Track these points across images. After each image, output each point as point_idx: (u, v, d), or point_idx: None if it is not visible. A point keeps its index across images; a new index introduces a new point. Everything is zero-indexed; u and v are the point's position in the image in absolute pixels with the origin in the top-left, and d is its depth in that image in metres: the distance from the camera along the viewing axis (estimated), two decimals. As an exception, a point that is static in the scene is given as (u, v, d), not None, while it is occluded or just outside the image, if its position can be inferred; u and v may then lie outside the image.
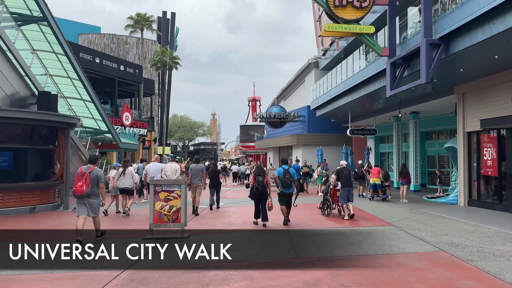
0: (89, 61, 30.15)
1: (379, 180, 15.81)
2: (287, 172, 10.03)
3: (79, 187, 7.49)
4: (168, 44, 47.83)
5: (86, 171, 7.65)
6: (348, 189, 11.15)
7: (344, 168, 11.63)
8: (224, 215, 12.19)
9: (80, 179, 7.56)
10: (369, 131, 23.47)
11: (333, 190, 11.65)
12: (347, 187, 11.15)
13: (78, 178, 7.60)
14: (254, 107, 59.61)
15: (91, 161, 8.16)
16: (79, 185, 7.50)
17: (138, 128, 34.43)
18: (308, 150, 30.23)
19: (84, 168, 7.82)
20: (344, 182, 11.23)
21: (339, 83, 21.40)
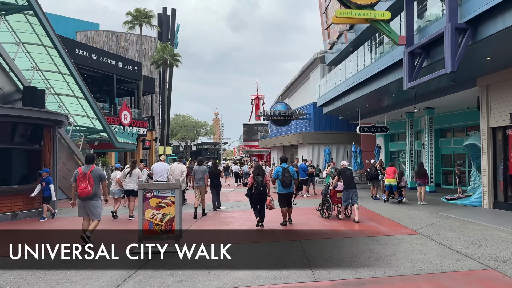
0: (86, 57, 29.00)
1: (395, 181, 14.53)
2: (286, 171, 9.72)
3: (83, 189, 7.17)
4: (169, 41, 46.65)
5: (87, 171, 7.32)
6: (353, 191, 10.57)
7: (346, 169, 10.92)
8: (227, 221, 10.97)
9: (82, 180, 7.23)
10: (380, 128, 22.19)
11: (333, 191, 11.04)
12: (350, 189, 10.56)
13: (80, 180, 7.24)
14: (257, 106, 58.27)
15: (88, 161, 7.76)
16: (83, 187, 7.17)
17: (138, 128, 33.26)
18: (314, 149, 28.97)
19: (83, 168, 7.47)
20: (346, 183, 10.60)
21: (348, 77, 20.13)
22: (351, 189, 10.55)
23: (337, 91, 21.99)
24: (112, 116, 30.79)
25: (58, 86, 18.00)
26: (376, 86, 17.13)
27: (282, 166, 9.92)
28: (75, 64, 28.61)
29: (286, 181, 9.63)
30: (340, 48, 25.12)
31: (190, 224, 10.31)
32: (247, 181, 10.34)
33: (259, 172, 9.61)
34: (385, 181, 15.04)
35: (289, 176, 9.68)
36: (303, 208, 12.91)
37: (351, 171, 11.17)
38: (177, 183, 7.26)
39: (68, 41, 27.68)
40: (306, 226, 10.00)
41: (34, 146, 12.60)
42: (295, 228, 9.79)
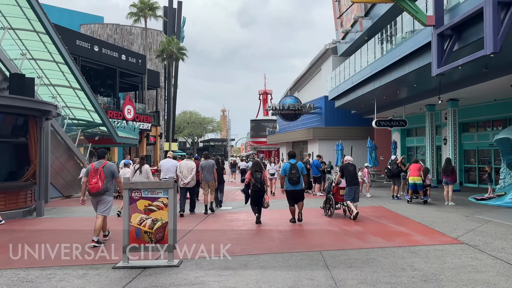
0: (87, 49, 27.82)
1: (420, 179, 13.08)
2: (294, 167, 9.31)
3: (94, 184, 7.07)
4: (175, 34, 45.44)
5: (99, 166, 7.23)
6: (355, 188, 10.15)
7: (349, 164, 10.38)
8: (232, 224, 9.62)
9: (94, 175, 7.14)
10: (398, 122, 20.68)
11: (336, 188, 10.57)
12: (353, 185, 10.09)
13: (92, 175, 7.16)
14: (265, 101, 56.74)
15: (100, 156, 7.71)
16: (94, 182, 7.08)
17: (142, 123, 32.09)
18: (325, 145, 27.52)
19: (96, 163, 7.37)
20: (349, 180, 10.12)
21: (364, 67, 18.67)
22: (354, 186, 10.08)
23: (352, 82, 20.53)
24: (115, 110, 29.65)
25: (52, 76, 16.75)
26: (396, 75, 15.68)
27: (290, 162, 9.45)
28: (76, 56, 27.59)
29: (293, 178, 9.18)
30: (354, 37, 23.62)
31: (195, 224, 9.02)
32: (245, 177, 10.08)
33: (257, 168, 9.34)
34: (408, 179, 13.62)
35: (296, 172, 9.22)
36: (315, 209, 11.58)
37: (354, 166, 10.51)
38: (171, 182, 5.92)
39: (69, 31, 26.55)
40: (319, 227, 8.67)
41: (20, 139, 11.36)
42: (309, 231, 8.47)
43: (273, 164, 17.45)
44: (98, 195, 7.13)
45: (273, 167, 16.88)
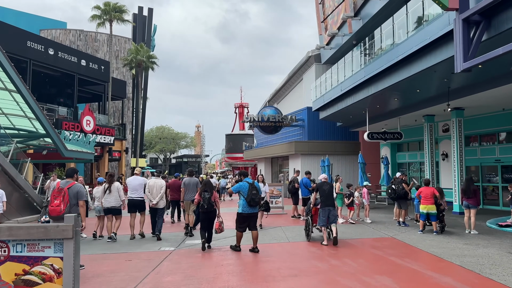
0: (40, 52, 24.49)
1: (434, 208, 10.47)
2: (254, 187, 8.33)
3: (55, 206, 6.31)
4: (145, 43, 42.49)
5: (64, 186, 6.55)
6: (329, 209, 9.25)
7: (324, 183, 9.61)
8: (219, 272, 6.70)
9: (57, 196, 6.42)
10: (393, 135, 18.33)
11: (314, 209, 9.75)
12: (327, 207, 9.26)
13: (55, 195, 6.44)
14: (241, 114, 54.02)
15: (68, 175, 6.92)
16: (56, 204, 6.34)
17: (103, 135, 28.69)
18: (308, 161, 24.95)
19: (62, 183, 6.71)
20: (324, 200, 9.33)
21: (356, 70, 16.29)
22: (327, 207, 9.22)
23: (341, 90, 18.12)
24: (72, 121, 26.24)
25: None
26: (396, 78, 13.33)
27: (247, 181, 8.41)
28: (26, 59, 24.21)
29: (255, 199, 8.18)
30: (341, 41, 21.37)
31: (146, 273, 6.05)
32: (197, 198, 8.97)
33: (206, 188, 8.64)
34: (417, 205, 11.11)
35: (257, 193, 8.25)
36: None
37: (330, 186, 9.76)
38: (68, 228, 3.04)
39: (16, 30, 23.22)
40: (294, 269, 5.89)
41: None
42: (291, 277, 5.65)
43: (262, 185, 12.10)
44: (59, 219, 6.14)
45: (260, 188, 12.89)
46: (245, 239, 8.58)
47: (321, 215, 9.26)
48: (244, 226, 8.35)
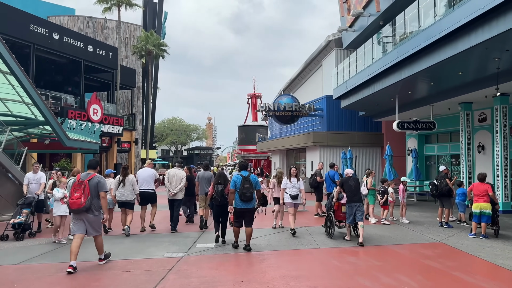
0: (44, 36, 23.20)
1: (489, 207, 8.85)
2: (247, 181, 7.79)
3: (76, 199, 6.19)
4: (155, 30, 41.02)
5: (85, 178, 6.37)
6: (356, 206, 8.65)
7: (349, 178, 9.01)
8: None
9: (77, 189, 6.27)
10: (425, 125, 16.61)
11: (337, 204, 9.23)
12: (353, 203, 8.68)
13: (75, 188, 6.28)
14: (254, 105, 52.35)
15: (91, 166, 6.71)
16: (76, 197, 6.20)
17: (111, 125, 27.43)
18: (327, 153, 23.33)
19: (83, 175, 6.50)
20: (350, 195, 8.76)
21: (389, 51, 14.59)
22: (355, 203, 8.64)
23: (367, 74, 16.42)
24: (78, 110, 25.01)
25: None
26: (439, 57, 11.60)
27: (241, 174, 7.94)
28: (30, 44, 22.94)
29: (246, 193, 7.70)
30: (366, 23, 19.60)
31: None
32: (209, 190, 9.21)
33: (219, 180, 8.47)
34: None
35: (250, 187, 7.75)
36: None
37: (357, 181, 9.07)
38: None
39: (18, 12, 21.91)
40: None
41: None
42: None
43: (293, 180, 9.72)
44: (80, 212, 6.25)
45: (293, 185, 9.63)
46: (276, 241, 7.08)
47: (347, 212, 8.74)
48: (239, 222, 7.88)
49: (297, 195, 9.46)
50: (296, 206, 9.63)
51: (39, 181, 9.90)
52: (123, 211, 9.73)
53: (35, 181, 9.85)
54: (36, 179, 9.92)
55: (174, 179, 10.13)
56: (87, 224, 6.36)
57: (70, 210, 6.38)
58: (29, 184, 9.82)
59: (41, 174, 10.04)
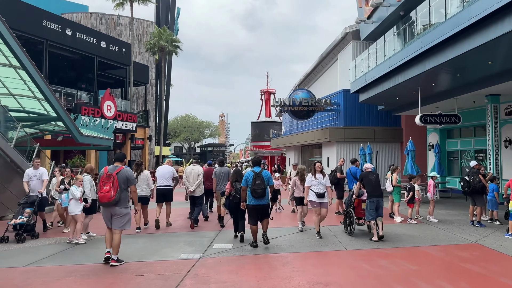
0: (57, 32, 23.00)
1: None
2: (258, 177, 7.54)
3: (105, 192, 6.07)
4: (168, 26, 40.73)
5: (113, 171, 6.23)
6: (377, 200, 8.34)
7: (369, 173, 8.72)
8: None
9: (106, 182, 6.16)
10: (449, 118, 15.86)
11: (357, 200, 8.93)
12: (375, 198, 8.35)
13: (104, 181, 6.17)
14: (267, 101, 51.80)
15: (118, 159, 6.58)
16: (106, 190, 6.09)
17: (125, 122, 27.21)
18: (344, 149, 22.69)
19: (110, 168, 6.34)
20: (371, 190, 8.44)
21: (412, 41, 13.90)
22: (377, 198, 8.36)
23: (388, 66, 15.74)
24: (92, 107, 24.81)
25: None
26: (468, 46, 10.89)
27: (253, 171, 7.75)
28: (42, 40, 22.76)
29: (257, 190, 7.50)
30: (385, 13, 18.86)
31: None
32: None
33: (237, 177, 8.41)
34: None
35: (261, 183, 7.54)
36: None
37: (377, 175, 8.74)
38: None
39: (32, 8, 21.72)
40: None
41: None
42: None
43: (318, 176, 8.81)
44: (109, 205, 6.13)
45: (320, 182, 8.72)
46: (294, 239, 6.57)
47: (368, 207, 8.39)
48: (254, 219, 7.66)
49: (324, 193, 8.57)
50: (323, 206, 8.67)
51: (41, 177, 9.22)
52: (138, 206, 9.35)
53: (36, 178, 9.18)
54: (37, 175, 9.22)
55: (191, 176, 10.15)
56: (114, 217, 6.29)
57: (100, 203, 6.31)
58: (30, 181, 9.14)
59: (42, 170, 9.35)
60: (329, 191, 8.78)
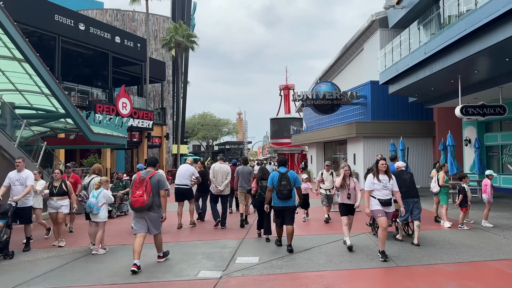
0: (70, 27, 22.20)
1: None
2: (284, 177, 7.18)
3: (138, 197, 6.05)
4: (184, 22, 39.77)
5: (146, 176, 6.23)
6: (413, 201, 7.60)
7: (403, 172, 7.96)
8: None
9: (138, 187, 6.12)
10: (494, 109, 14.30)
11: None
12: (410, 198, 7.57)
13: (137, 186, 6.14)
14: (286, 97, 50.46)
15: (150, 164, 6.57)
16: (138, 195, 6.06)
17: (141, 119, 26.34)
18: (372, 145, 21.24)
19: (143, 173, 6.34)
20: (406, 190, 7.51)
21: (453, 23, 12.41)
22: (411, 199, 7.62)
23: (424, 53, 14.27)
24: (107, 104, 23.99)
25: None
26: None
27: (279, 171, 7.29)
28: (55, 35, 22.01)
29: (283, 191, 7.03)
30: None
31: None
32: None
33: (263, 175, 8.15)
34: None
35: (287, 184, 7.06)
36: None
37: (411, 175, 8.02)
38: None
39: (43, 2, 20.96)
40: None
41: None
42: None
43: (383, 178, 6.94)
44: (142, 210, 6.08)
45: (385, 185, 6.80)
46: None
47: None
48: (279, 221, 7.34)
49: (391, 200, 6.71)
50: (389, 216, 6.83)
51: (25, 182, 7.57)
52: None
53: (18, 183, 7.55)
54: (21, 179, 7.57)
55: (219, 174, 9.79)
56: (149, 223, 6.24)
57: (132, 208, 6.19)
58: (12, 186, 7.54)
59: (27, 174, 7.71)
60: (398, 198, 6.84)
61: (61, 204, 8.08)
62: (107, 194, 7.43)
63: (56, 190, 8.07)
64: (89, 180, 8.14)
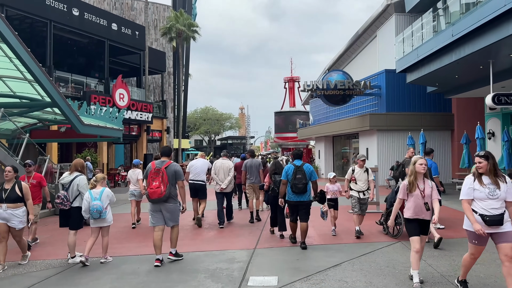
0: (62, 12, 20.72)
1: None
2: (300, 171, 6.85)
3: (155, 188, 5.80)
4: (185, 10, 38.23)
5: (161, 166, 5.94)
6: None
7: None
8: None
9: (155, 177, 5.87)
10: (529, 98, 12.82)
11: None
12: None
13: (152, 177, 5.88)
14: (291, 89, 48.83)
15: (164, 153, 6.26)
16: (155, 186, 5.81)
17: (140, 112, 24.93)
18: (387, 138, 19.82)
19: (158, 163, 6.05)
20: None
21: (485, 1, 10.92)
22: None
23: (452, 35, 12.79)
24: (103, 95, 22.59)
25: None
26: None
27: (294, 164, 7.00)
28: (46, 21, 20.52)
29: (298, 185, 6.76)
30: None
31: None
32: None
33: (276, 169, 7.82)
34: None
35: (302, 177, 6.77)
36: None
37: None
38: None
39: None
40: None
41: None
42: None
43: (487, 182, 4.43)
44: (159, 202, 5.87)
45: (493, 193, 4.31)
46: None
47: None
48: (294, 216, 7.11)
49: (503, 215, 4.22)
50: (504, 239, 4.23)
51: None
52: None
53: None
54: None
55: (221, 170, 9.39)
56: (166, 214, 6.00)
57: (149, 200, 5.94)
58: None
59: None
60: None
61: (13, 213, 5.99)
62: (110, 193, 6.40)
63: (5, 195, 6.01)
64: (71, 179, 6.71)
